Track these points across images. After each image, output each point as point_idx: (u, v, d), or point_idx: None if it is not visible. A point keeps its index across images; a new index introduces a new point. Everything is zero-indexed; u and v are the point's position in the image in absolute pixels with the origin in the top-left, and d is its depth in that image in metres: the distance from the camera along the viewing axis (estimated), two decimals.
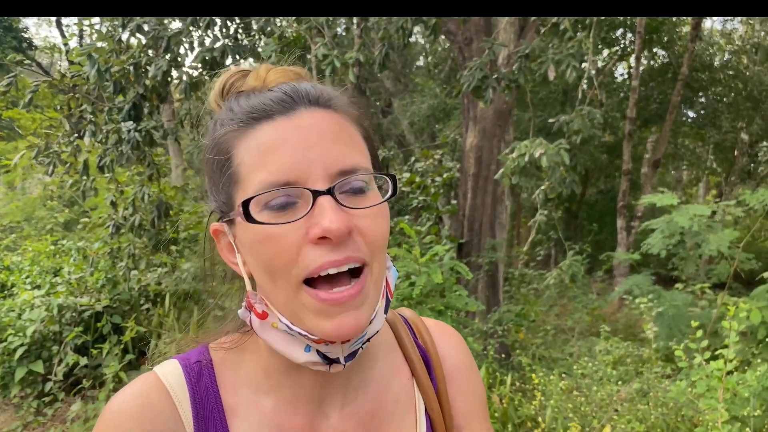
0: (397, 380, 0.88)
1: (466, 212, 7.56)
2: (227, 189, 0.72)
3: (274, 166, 0.66)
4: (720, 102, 15.57)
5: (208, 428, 0.75)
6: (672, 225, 4.49)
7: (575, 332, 7.63)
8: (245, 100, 0.73)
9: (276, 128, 0.69)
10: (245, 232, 0.69)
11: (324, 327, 0.67)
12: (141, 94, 5.21)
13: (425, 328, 0.94)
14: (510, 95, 6.81)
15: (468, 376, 0.95)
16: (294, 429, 0.79)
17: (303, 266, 0.66)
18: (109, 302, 6.52)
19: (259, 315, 0.72)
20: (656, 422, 3.72)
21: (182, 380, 0.77)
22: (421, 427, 0.87)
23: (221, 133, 0.72)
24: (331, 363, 0.72)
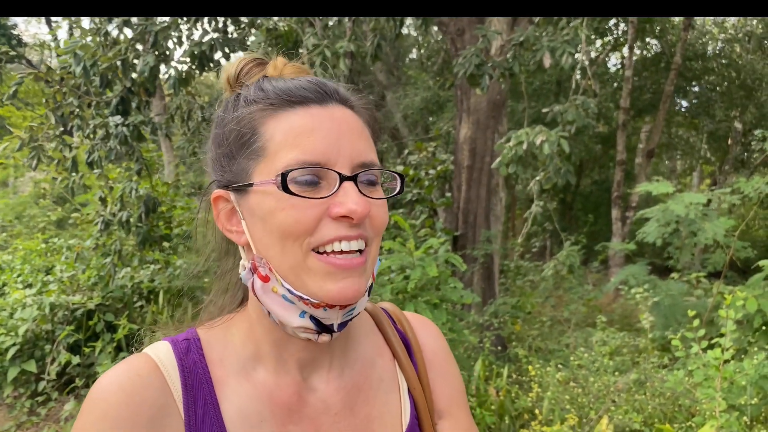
0: (380, 360, 0.93)
1: (461, 204, 7.53)
2: (246, 161, 0.77)
3: (309, 147, 0.74)
4: (713, 91, 15.57)
5: (196, 398, 0.78)
6: (668, 213, 4.46)
7: (571, 323, 7.62)
8: (277, 83, 0.80)
9: (311, 114, 0.76)
10: (263, 199, 0.75)
11: (329, 289, 0.74)
12: (128, 89, 5.14)
13: (404, 317, 1.01)
14: (505, 84, 6.77)
15: (447, 363, 1.00)
16: (282, 399, 0.82)
17: (318, 237, 0.73)
18: (102, 300, 6.47)
19: (262, 278, 0.77)
20: (654, 412, 3.71)
21: (171, 355, 0.80)
22: (405, 404, 0.91)
23: (250, 110, 0.78)
24: (320, 332, 0.78)
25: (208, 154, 0.85)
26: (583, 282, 10.05)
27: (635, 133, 16.20)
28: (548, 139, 5.35)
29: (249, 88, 0.81)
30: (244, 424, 0.79)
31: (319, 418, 0.84)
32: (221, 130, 0.81)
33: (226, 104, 0.83)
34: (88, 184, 6.36)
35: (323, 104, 0.78)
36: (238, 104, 0.80)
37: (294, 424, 0.82)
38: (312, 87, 0.78)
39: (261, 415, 0.80)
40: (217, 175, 0.82)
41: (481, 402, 3.85)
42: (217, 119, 0.84)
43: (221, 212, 0.81)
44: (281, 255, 0.75)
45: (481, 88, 5.37)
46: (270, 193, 0.74)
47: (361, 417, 0.87)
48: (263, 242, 0.77)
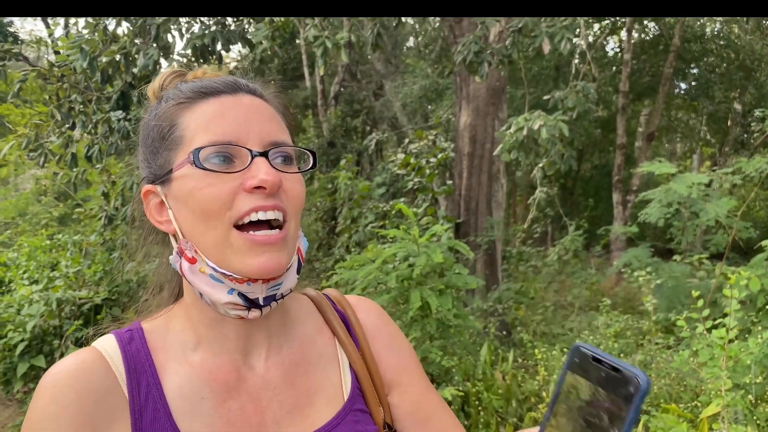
0: (319, 338, 0.98)
1: (462, 192, 7.54)
2: (167, 152, 0.84)
3: (220, 129, 0.80)
4: (712, 72, 15.51)
5: (140, 381, 0.83)
6: (670, 194, 4.48)
7: (575, 308, 7.66)
8: (192, 83, 0.87)
9: (222, 102, 0.84)
10: (184, 182, 0.81)
11: (251, 264, 0.78)
12: (129, 83, 5.14)
13: (345, 300, 1.05)
14: (504, 70, 6.76)
15: (390, 336, 1.04)
16: (221, 378, 0.87)
17: (236, 210, 0.78)
18: (108, 294, 6.50)
19: (188, 259, 0.82)
20: (659, 393, 3.74)
21: (115, 344, 0.85)
22: (346, 377, 0.96)
23: (168, 105, 0.86)
24: (249, 308, 0.82)
25: (138, 156, 0.91)
26: (586, 266, 10.08)
27: (635, 117, 16.16)
28: (546, 124, 5.36)
29: (167, 91, 0.89)
30: (186, 402, 0.84)
31: (258, 392, 0.88)
32: (145, 131, 0.88)
33: (149, 109, 0.90)
34: (89, 179, 6.36)
35: (233, 93, 0.85)
36: (160, 104, 0.87)
37: (233, 399, 0.86)
38: (223, 81, 0.86)
39: (200, 393, 0.85)
40: (144, 172, 0.88)
41: (488, 386, 3.88)
42: (142, 123, 0.90)
43: (151, 206, 0.87)
44: (204, 234, 0.80)
45: (479, 75, 5.37)
46: (188, 175, 0.80)
47: (302, 390, 0.91)
48: (188, 225, 0.82)
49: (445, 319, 3.64)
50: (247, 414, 0.87)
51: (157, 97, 0.91)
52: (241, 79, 0.89)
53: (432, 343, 3.55)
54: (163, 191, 0.85)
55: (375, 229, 7.07)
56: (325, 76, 13.62)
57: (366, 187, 8.80)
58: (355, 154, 12.45)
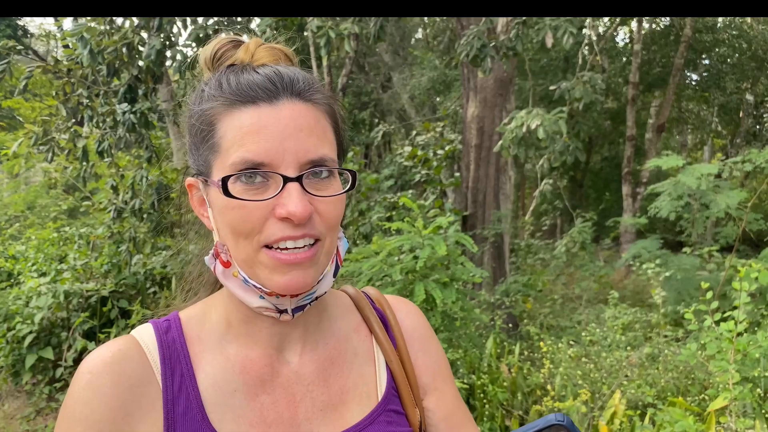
0: (356, 336, 0.97)
1: (470, 184, 7.51)
2: (206, 154, 0.81)
3: (253, 147, 0.76)
4: (724, 63, 15.34)
5: (174, 370, 0.84)
6: (679, 186, 4.43)
7: (583, 300, 7.61)
8: (234, 77, 0.81)
9: (259, 114, 0.78)
10: (218, 196, 0.79)
11: (277, 281, 0.78)
12: (136, 76, 5.14)
13: (384, 299, 1.04)
14: (508, 63, 6.71)
15: (428, 339, 1.02)
16: (255, 371, 0.86)
17: (266, 235, 0.77)
18: (115, 287, 6.53)
19: (223, 263, 0.82)
20: (666, 386, 3.71)
21: (152, 333, 0.86)
22: (382, 376, 0.95)
23: (208, 106, 0.81)
24: (281, 312, 0.83)
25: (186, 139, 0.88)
26: (595, 259, 10.03)
27: (645, 108, 16.02)
28: (543, 123, 5.32)
29: (210, 83, 0.83)
30: (218, 393, 0.84)
31: (291, 387, 0.88)
32: (189, 121, 0.85)
33: (194, 96, 0.86)
34: (98, 172, 6.39)
35: (273, 102, 0.78)
36: (202, 98, 0.83)
37: (267, 393, 0.86)
38: (264, 84, 0.79)
39: (233, 384, 0.85)
40: (190, 161, 0.86)
41: (493, 379, 3.86)
42: (187, 109, 0.87)
43: (194, 198, 0.86)
44: (235, 248, 0.80)
45: (483, 70, 5.34)
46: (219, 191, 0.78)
47: (335, 387, 0.90)
48: (223, 233, 0.82)
49: (451, 311, 3.62)
50: (279, 409, 0.86)
51: (210, 69, 0.86)
52: (287, 74, 0.81)
53: (437, 335, 3.54)
54: (204, 188, 0.84)
55: (380, 222, 7.05)
56: (333, 68, 13.59)
57: (374, 180, 8.78)
58: (362, 147, 12.43)
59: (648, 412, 3.21)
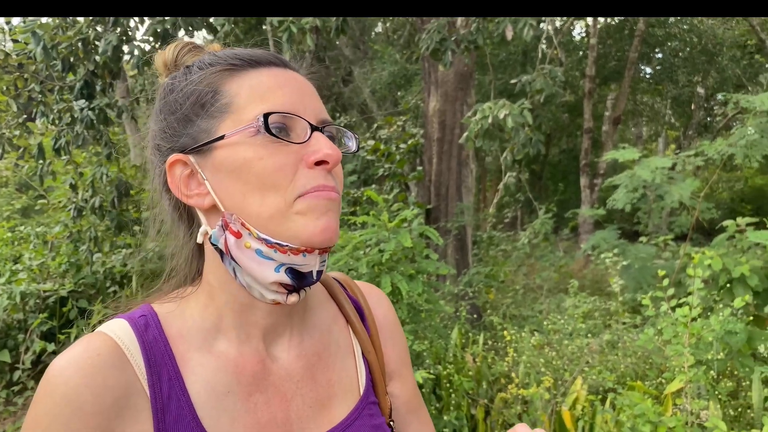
0: (335, 326, 0.95)
1: (432, 177, 7.57)
2: (209, 120, 0.78)
3: (278, 101, 0.77)
4: (676, 57, 15.74)
5: (161, 375, 0.76)
6: (635, 179, 4.55)
7: (544, 290, 7.76)
8: (233, 51, 0.83)
9: (275, 74, 0.80)
10: (235, 151, 0.76)
11: (315, 226, 0.75)
12: (92, 71, 5.02)
13: (356, 285, 1.03)
14: (469, 57, 6.77)
15: (395, 327, 1.04)
16: (247, 369, 0.82)
17: (301, 184, 0.75)
18: (74, 287, 6.39)
19: (234, 233, 0.77)
20: (626, 371, 3.82)
21: (130, 332, 0.78)
22: (361, 368, 0.94)
23: (208, 71, 0.80)
24: (290, 292, 0.79)
25: (154, 125, 0.84)
26: (554, 249, 10.22)
27: (601, 101, 16.35)
28: (511, 113, 5.41)
29: (201, 57, 0.83)
30: (211, 397, 0.78)
31: (283, 385, 0.85)
32: (173, 97, 0.81)
33: (174, 75, 0.83)
34: (55, 170, 6.24)
35: (283, 67, 0.82)
36: (191, 71, 0.81)
37: (260, 392, 0.82)
38: (270, 54, 0.83)
39: (227, 385, 0.80)
40: (169, 142, 0.81)
41: (458, 369, 3.92)
42: (165, 89, 0.83)
43: (177, 178, 0.80)
44: (260, 206, 0.75)
45: (443, 64, 5.39)
46: (242, 143, 0.75)
47: (323, 382, 0.89)
48: (235, 197, 0.76)
49: (416, 303, 3.66)
50: (272, 408, 0.83)
51: (169, 67, 0.86)
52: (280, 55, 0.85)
53: (403, 327, 3.58)
54: (198, 161, 0.79)
55: (345, 216, 7.07)
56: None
57: None
58: None
59: (609, 397, 3.31)
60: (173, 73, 0.84)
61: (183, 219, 0.85)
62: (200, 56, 0.84)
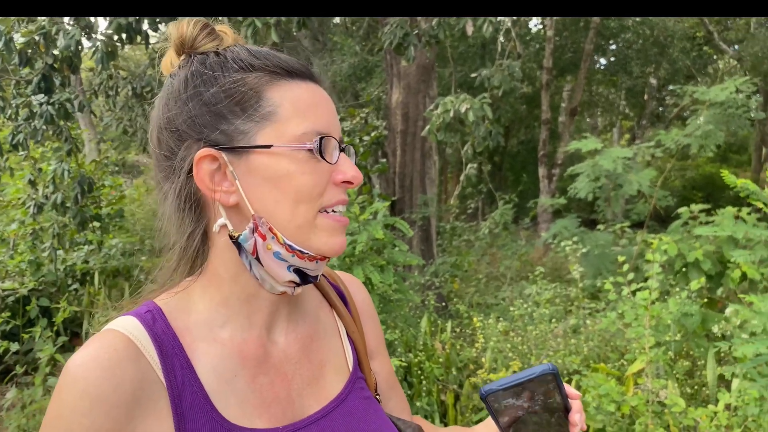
0: (322, 311, 1.03)
1: (397, 170, 7.64)
2: (249, 123, 0.81)
3: (318, 120, 0.83)
4: (629, 48, 16.14)
5: (173, 364, 0.80)
6: (596, 168, 4.72)
7: (507, 278, 7.93)
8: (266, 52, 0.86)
9: (312, 90, 0.86)
10: (277, 161, 0.81)
11: (333, 243, 0.85)
12: (50, 65, 4.91)
13: (336, 274, 1.12)
14: (431, 51, 6.85)
15: (373, 312, 1.13)
16: (251, 353, 0.88)
17: (326, 199, 0.84)
18: (35, 285, 6.26)
19: (261, 235, 0.82)
20: (589, 354, 3.97)
21: (140, 326, 0.81)
22: (347, 347, 1.02)
23: (252, 75, 0.83)
24: (298, 285, 0.87)
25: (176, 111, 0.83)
26: (516, 239, 10.42)
27: (558, 93, 16.67)
28: (472, 107, 5.52)
29: (235, 51, 0.85)
30: (219, 381, 0.83)
31: (283, 366, 0.91)
32: (211, 90, 0.81)
33: (204, 62, 0.83)
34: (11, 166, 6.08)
35: (316, 81, 0.88)
36: (228, 66, 0.83)
37: (264, 374, 0.88)
38: (302, 64, 0.87)
39: (234, 370, 0.85)
40: (198, 133, 0.82)
41: (428, 356, 4.01)
42: (196, 75, 0.83)
43: (204, 171, 0.81)
44: (291, 215, 0.82)
45: (406, 58, 5.46)
46: (286, 156, 0.80)
47: (316, 363, 0.96)
48: (265, 203, 0.81)
49: (387, 294, 3.73)
50: (276, 388, 0.89)
51: (186, 47, 0.86)
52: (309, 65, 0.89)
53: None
54: (230, 160, 0.81)
55: None
56: None
57: None
58: None
59: (574, 379, 3.44)
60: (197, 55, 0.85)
61: (192, 209, 0.86)
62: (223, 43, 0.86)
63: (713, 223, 4.20)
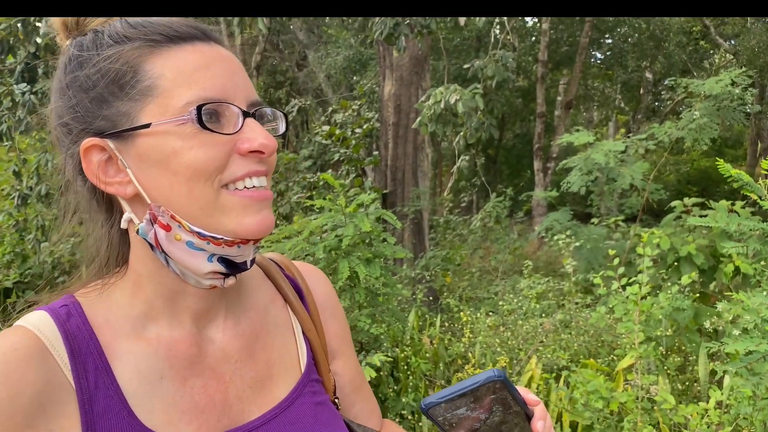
0: (272, 306, 0.93)
1: (389, 162, 7.57)
2: (129, 103, 0.71)
3: (207, 83, 0.71)
4: (625, 42, 16.10)
5: (86, 364, 0.73)
6: (589, 162, 4.65)
7: (499, 272, 7.88)
8: (148, 19, 0.75)
9: (201, 51, 0.74)
10: (163, 140, 0.70)
11: (249, 223, 0.73)
12: (33, 53, 4.83)
13: (293, 266, 1.01)
14: (423, 42, 6.77)
15: (336, 306, 1.03)
16: (181, 352, 0.79)
17: (229, 173, 0.72)
18: (20, 277, 6.18)
19: (164, 226, 0.73)
20: (579, 350, 3.92)
21: (50, 322, 0.73)
22: (302, 346, 0.93)
23: (126, 47, 0.72)
24: (227, 276, 0.77)
25: (59, 101, 0.75)
26: (509, 232, 10.38)
27: (553, 86, 16.61)
28: (462, 98, 5.45)
29: (113, 25, 0.74)
30: (143, 384, 0.75)
31: (220, 366, 0.82)
32: (84, 72, 0.72)
33: (80, 44, 0.74)
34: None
35: (208, 42, 0.75)
36: (102, 42, 0.73)
37: (196, 376, 0.80)
38: (191, 25, 0.75)
39: (160, 371, 0.77)
40: (82, 123, 0.73)
41: (416, 351, 3.95)
42: (72, 60, 0.74)
43: (94, 164, 0.73)
44: (188, 198, 0.71)
45: (397, 49, 5.38)
46: (172, 132, 0.70)
47: (261, 362, 0.87)
48: (162, 188, 0.72)
49: (373, 287, 3.66)
50: (210, 391, 0.80)
51: (70, 28, 0.76)
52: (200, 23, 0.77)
53: (361, 311, 3.58)
54: (118, 147, 0.72)
55: (302, 200, 7.01)
56: (246, 46, 13.27)
57: (289, 158, 8.68)
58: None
59: (563, 375, 3.39)
60: (78, 37, 0.76)
61: (101, 204, 0.79)
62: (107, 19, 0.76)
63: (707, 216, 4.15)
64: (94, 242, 0.81)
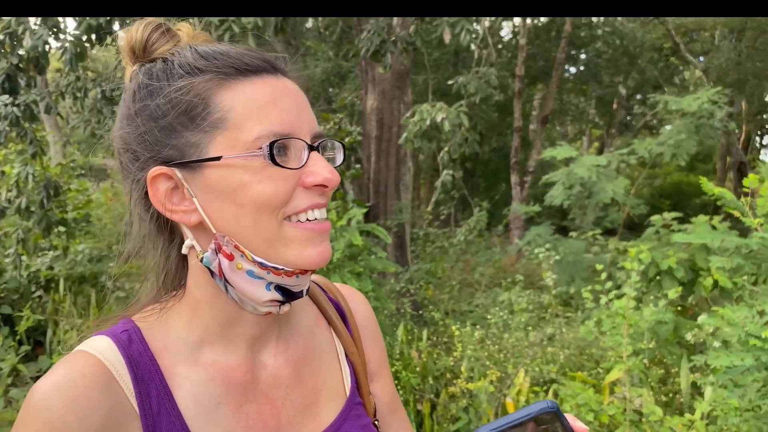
0: (317, 330, 0.94)
1: (371, 176, 7.61)
2: (199, 134, 0.73)
3: (276, 117, 0.73)
4: (600, 58, 16.40)
5: (149, 390, 0.74)
6: (571, 176, 4.74)
7: (481, 285, 7.94)
8: (218, 49, 0.76)
9: (270, 85, 0.75)
10: (231, 173, 0.72)
11: (310, 254, 0.75)
12: (16, 65, 4.77)
13: (335, 287, 1.03)
14: (408, 58, 6.85)
15: (375, 327, 1.04)
16: (237, 378, 0.81)
17: (293, 206, 0.74)
18: None
19: (227, 256, 0.74)
20: (565, 363, 3.97)
21: (114, 348, 0.75)
22: (345, 369, 0.94)
23: (197, 79, 0.74)
24: (283, 303, 0.78)
25: (128, 128, 0.77)
26: (489, 245, 10.46)
27: (529, 101, 16.83)
28: (448, 116, 5.52)
29: (183, 54, 0.76)
30: (200, 410, 0.77)
31: (272, 392, 0.84)
32: (155, 102, 0.74)
33: (150, 72, 0.76)
34: None
35: (275, 75, 0.77)
36: (173, 72, 0.74)
37: (250, 401, 0.81)
38: (260, 57, 0.76)
39: (217, 398, 0.79)
40: (150, 151, 0.75)
41: (405, 365, 3.97)
42: (142, 88, 0.76)
43: (161, 191, 0.75)
44: (253, 229, 0.73)
45: (383, 66, 5.43)
46: (240, 165, 0.71)
47: (310, 386, 0.88)
48: (227, 219, 0.74)
49: None
50: (264, 416, 0.82)
51: (138, 55, 0.78)
52: (267, 53, 0.79)
53: None
54: (185, 177, 0.74)
55: None
56: None
57: None
58: None
59: (551, 387, 3.43)
60: (145, 63, 0.77)
61: (162, 231, 0.81)
62: (175, 45, 0.78)
63: (687, 231, 4.25)
64: (154, 266, 0.83)
